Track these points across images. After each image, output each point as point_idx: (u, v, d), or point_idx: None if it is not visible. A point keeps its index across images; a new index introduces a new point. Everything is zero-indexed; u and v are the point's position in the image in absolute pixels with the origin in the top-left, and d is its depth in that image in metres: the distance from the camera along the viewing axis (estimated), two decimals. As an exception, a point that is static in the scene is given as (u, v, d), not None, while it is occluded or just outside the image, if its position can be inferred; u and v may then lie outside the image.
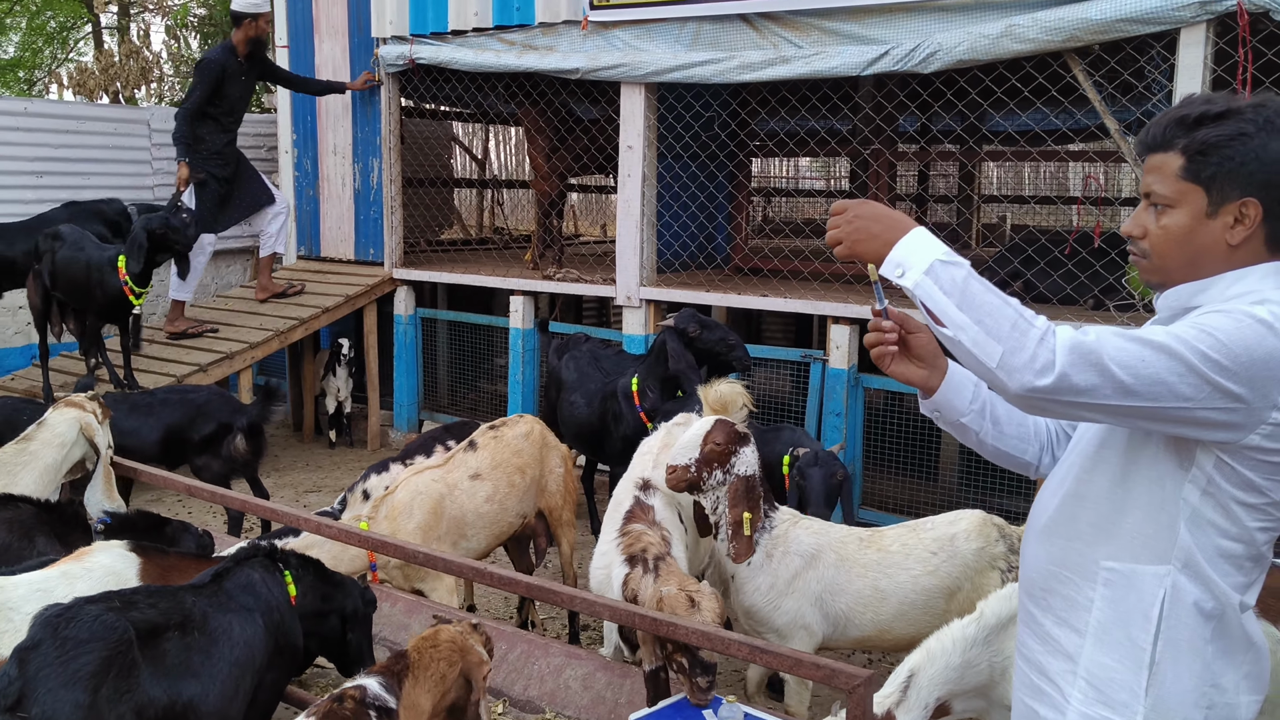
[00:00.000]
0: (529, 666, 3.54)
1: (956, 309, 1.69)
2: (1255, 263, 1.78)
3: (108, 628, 2.44)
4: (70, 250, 6.77)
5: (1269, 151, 1.72)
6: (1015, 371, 1.65)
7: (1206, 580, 1.76)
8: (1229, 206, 1.75)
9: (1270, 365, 1.64)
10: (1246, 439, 1.68)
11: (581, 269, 7.92)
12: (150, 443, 5.90)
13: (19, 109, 8.75)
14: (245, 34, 7.83)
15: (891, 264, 1.77)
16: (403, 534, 4.19)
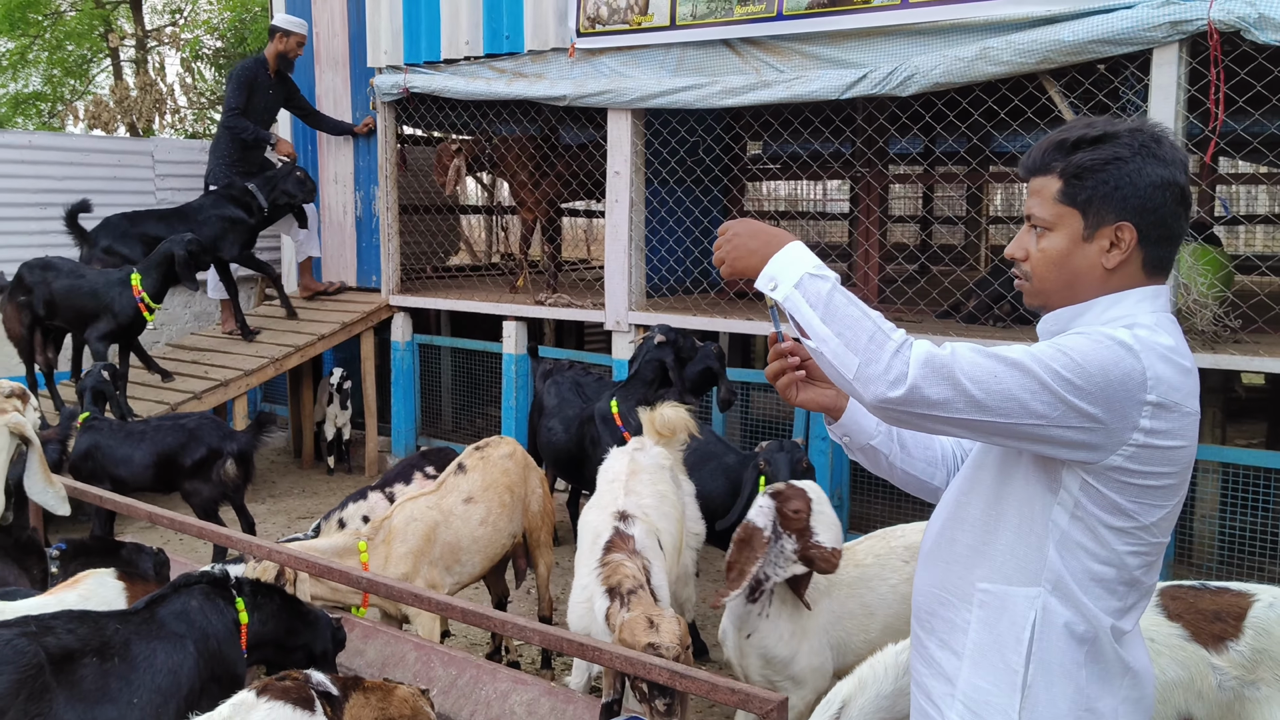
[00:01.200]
0: (476, 692, 3.53)
1: (820, 321, 1.71)
2: (1132, 286, 1.79)
3: (18, 652, 2.47)
4: (69, 279, 6.90)
5: (1143, 176, 1.74)
6: (870, 382, 1.66)
7: (1077, 603, 1.75)
8: (1104, 230, 1.76)
9: (1127, 386, 1.64)
10: (1108, 460, 1.68)
11: (574, 294, 7.95)
12: (143, 468, 5.98)
13: (23, 142, 8.93)
14: (276, 48, 8.24)
15: (765, 278, 1.80)
16: (394, 558, 4.23)
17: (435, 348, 8.79)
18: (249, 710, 2.50)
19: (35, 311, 6.88)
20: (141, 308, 6.82)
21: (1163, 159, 1.75)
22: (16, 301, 6.84)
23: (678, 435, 4.29)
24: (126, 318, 6.85)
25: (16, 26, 14.53)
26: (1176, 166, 1.75)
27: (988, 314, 6.36)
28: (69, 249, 7.74)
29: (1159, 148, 1.75)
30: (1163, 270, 1.80)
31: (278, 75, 8.31)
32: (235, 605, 3.07)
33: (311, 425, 9.12)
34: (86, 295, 6.86)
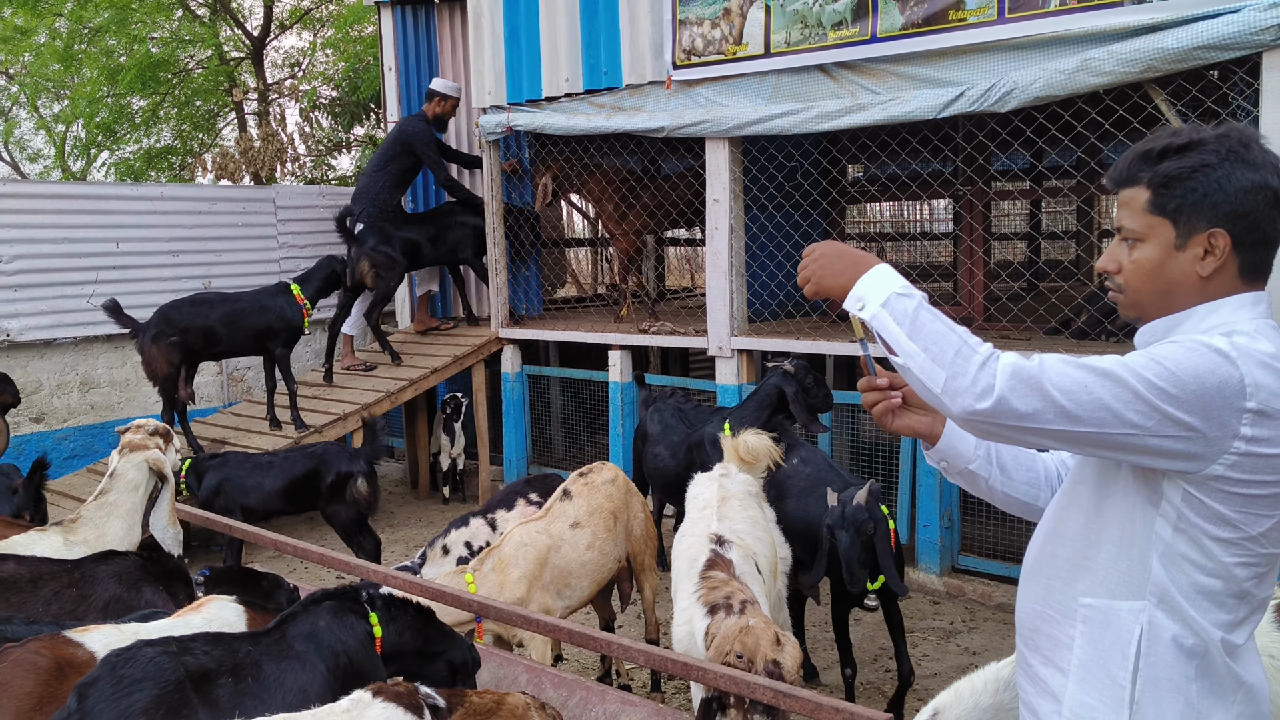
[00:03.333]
0: (587, 713, 3.61)
1: (907, 338, 1.74)
2: (1228, 293, 1.76)
3: (160, 669, 2.65)
4: (227, 306, 7.49)
5: (1232, 182, 1.71)
6: (958, 395, 1.68)
7: (1185, 616, 1.73)
8: (1197, 238, 1.74)
9: (1224, 394, 1.62)
10: (1209, 469, 1.66)
11: (677, 321, 8.05)
12: (273, 495, 6.29)
13: (156, 194, 9.48)
14: (435, 110, 8.75)
15: (853, 298, 1.84)
16: (509, 584, 4.35)
17: (544, 378, 8.99)
18: (365, 708, 2.62)
19: (190, 347, 7.31)
20: (305, 314, 7.61)
21: (1252, 163, 1.72)
22: (165, 342, 7.24)
23: (760, 462, 4.34)
24: (295, 324, 7.61)
25: (148, 85, 15.42)
26: (1268, 170, 1.72)
27: (1099, 329, 6.23)
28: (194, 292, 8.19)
29: (1247, 152, 1.73)
30: (1261, 275, 1.77)
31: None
32: (368, 619, 3.21)
33: (427, 456, 9.40)
34: (252, 314, 7.49)
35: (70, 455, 8.77)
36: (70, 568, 3.68)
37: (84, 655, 2.97)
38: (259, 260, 9.90)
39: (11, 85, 20.08)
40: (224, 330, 7.39)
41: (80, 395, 8.92)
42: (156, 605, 3.74)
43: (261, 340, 7.56)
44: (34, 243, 8.47)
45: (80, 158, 19.86)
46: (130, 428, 4.34)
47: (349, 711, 2.62)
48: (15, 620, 3.18)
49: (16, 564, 3.60)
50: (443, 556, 4.87)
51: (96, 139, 17.48)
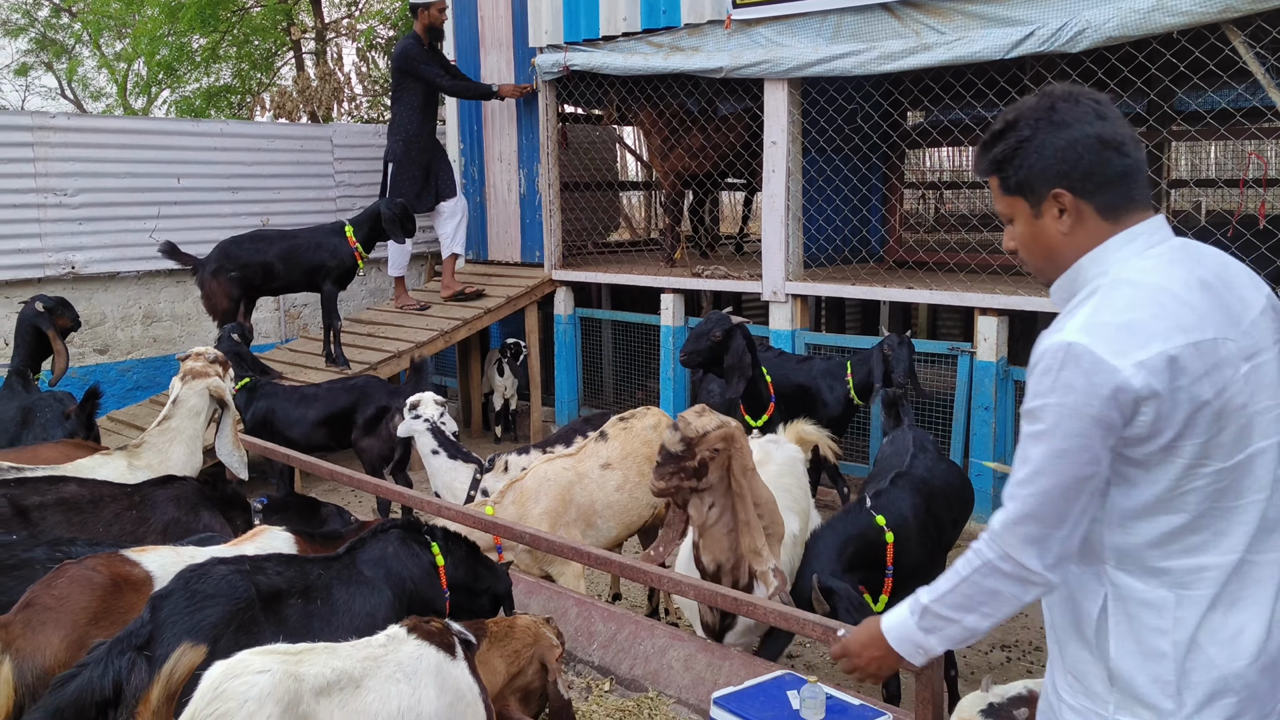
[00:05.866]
0: (635, 647, 3.64)
1: (969, 622, 1.89)
2: (1101, 238, 1.84)
3: (232, 586, 2.71)
4: (285, 242, 7.57)
5: (1048, 145, 1.83)
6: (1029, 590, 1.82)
7: (1138, 565, 1.79)
8: (1046, 203, 1.86)
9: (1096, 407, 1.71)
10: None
11: (731, 266, 7.98)
12: (314, 427, 6.36)
13: (216, 130, 9.55)
14: (423, 23, 8.53)
15: (915, 656, 2.00)
16: (529, 519, 4.38)
17: (596, 321, 8.98)
18: (400, 643, 2.68)
19: (249, 282, 7.40)
20: (357, 255, 7.60)
21: (1061, 122, 1.82)
22: (225, 277, 7.34)
23: (809, 448, 4.51)
24: (348, 264, 7.62)
25: (207, 24, 15.48)
26: (1081, 121, 1.82)
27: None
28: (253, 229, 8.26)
29: (1054, 113, 1.83)
30: (1126, 211, 1.83)
31: (431, 49, 8.62)
32: (430, 549, 3.26)
33: (479, 396, 9.47)
34: (308, 251, 7.54)
35: (134, 387, 8.96)
36: (130, 491, 3.77)
37: (140, 574, 3.05)
38: (315, 198, 9.95)
39: (74, 24, 20.30)
40: (281, 266, 7.47)
41: (143, 328, 9.09)
42: (214, 530, 3.82)
43: (315, 277, 7.62)
44: (98, 177, 8.59)
45: (141, 96, 20.06)
46: (191, 355, 4.41)
47: (385, 646, 2.68)
48: (78, 541, 3.27)
49: (79, 486, 3.70)
50: (503, 473, 4.97)
51: (158, 77, 17.64)
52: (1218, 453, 1.72)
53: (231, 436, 4.23)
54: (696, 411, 3.40)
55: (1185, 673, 1.74)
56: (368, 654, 2.60)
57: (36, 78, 23.47)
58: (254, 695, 2.17)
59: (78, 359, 8.42)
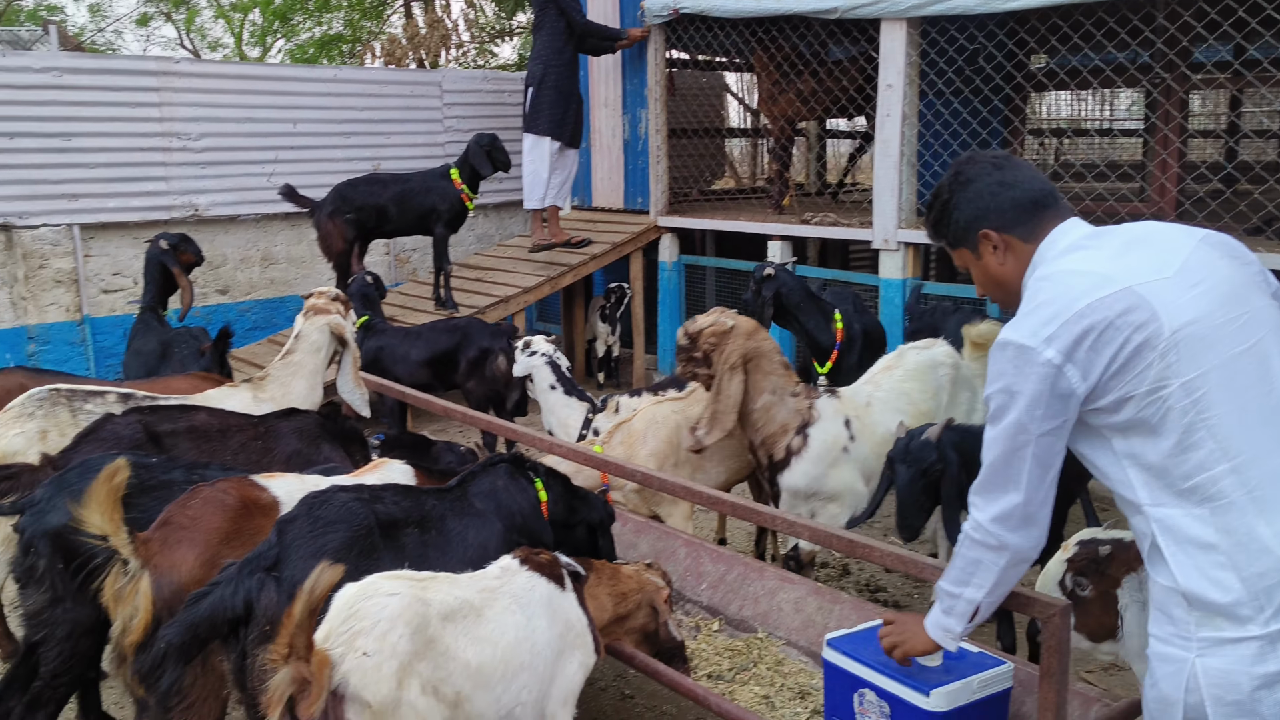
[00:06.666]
0: (744, 588, 3.64)
1: (965, 602, 2.26)
2: (1029, 259, 2.19)
3: (353, 513, 2.78)
4: (398, 186, 7.69)
5: (961, 201, 2.26)
6: (1000, 554, 2.16)
7: (1165, 495, 2.00)
8: (981, 245, 2.26)
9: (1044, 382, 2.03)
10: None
11: (840, 213, 7.83)
12: (419, 366, 6.47)
13: (329, 76, 9.71)
14: None
15: (942, 638, 2.36)
16: (637, 460, 4.38)
17: (700, 268, 8.93)
18: (513, 575, 2.73)
19: (363, 225, 7.54)
20: (464, 198, 7.65)
21: (968, 179, 2.25)
22: (341, 219, 7.48)
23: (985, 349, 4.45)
24: (457, 207, 7.70)
25: (321, -27, 15.78)
26: (983, 174, 2.22)
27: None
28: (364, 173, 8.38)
29: (961, 175, 2.26)
30: (1038, 225, 2.18)
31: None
32: (534, 484, 3.30)
33: (583, 342, 9.53)
34: (419, 195, 7.64)
35: (252, 327, 9.24)
36: (256, 422, 3.89)
37: (267, 498, 3.15)
38: (424, 143, 10.07)
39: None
40: (394, 209, 7.58)
41: (261, 270, 9.35)
42: (334, 462, 3.92)
43: (426, 220, 7.71)
44: (219, 121, 8.82)
45: (256, 45, 20.51)
46: (315, 293, 4.52)
47: (499, 578, 2.72)
48: (211, 466, 3.39)
49: (209, 415, 3.82)
50: (614, 414, 5.01)
51: (273, 26, 17.98)
52: (1174, 371, 1.94)
53: (352, 374, 4.33)
54: (709, 313, 4.24)
55: (1248, 577, 1.89)
56: (484, 585, 2.65)
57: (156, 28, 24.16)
58: (386, 616, 2.22)
59: (201, 299, 8.72)
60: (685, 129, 9.64)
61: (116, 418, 3.68)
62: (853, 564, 5.34)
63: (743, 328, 4.09)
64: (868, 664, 2.76)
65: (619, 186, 9.55)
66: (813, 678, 3.27)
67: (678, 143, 9.31)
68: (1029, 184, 2.21)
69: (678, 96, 9.32)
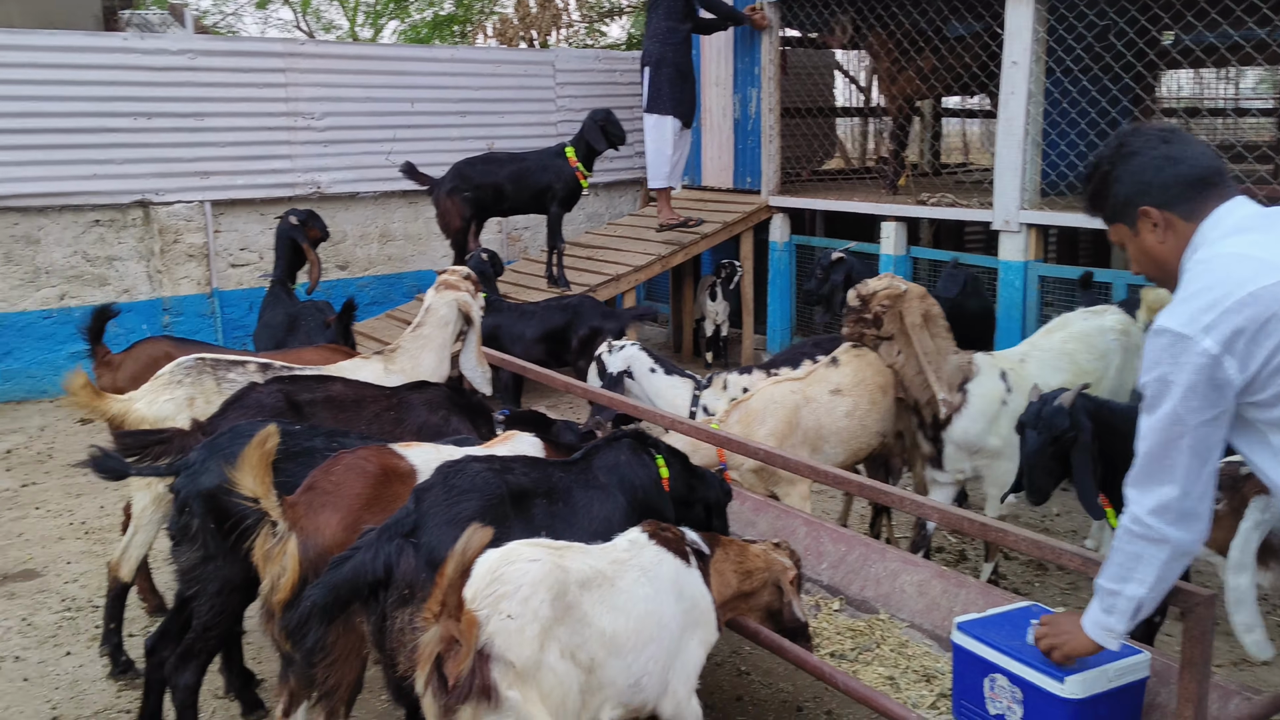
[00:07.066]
0: (866, 569, 3.63)
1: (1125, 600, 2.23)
2: (1188, 239, 2.14)
3: (486, 483, 2.86)
4: (514, 164, 7.78)
5: (1123, 174, 2.21)
6: (1161, 547, 2.13)
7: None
8: (1140, 221, 2.21)
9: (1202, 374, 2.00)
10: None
11: (958, 194, 7.68)
12: (532, 344, 6.57)
13: (447, 56, 9.89)
14: None
15: (1103, 638, 2.33)
16: (755, 440, 4.40)
17: (811, 248, 8.86)
18: (641, 549, 2.78)
19: (481, 202, 7.68)
20: (579, 176, 7.73)
21: (1131, 151, 2.20)
22: (460, 196, 7.64)
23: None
24: (572, 185, 7.77)
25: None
26: (1148, 147, 2.18)
27: None
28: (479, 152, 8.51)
29: (1125, 147, 2.22)
30: (1202, 204, 2.13)
31: None
32: (656, 461, 3.34)
33: (691, 321, 9.55)
34: (535, 173, 7.73)
35: (370, 302, 9.50)
36: (389, 393, 4.01)
37: (405, 466, 3.25)
38: (537, 122, 10.20)
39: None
40: (511, 187, 7.70)
41: (379, 246, 9.60)
42: (461, 434, 4.02)
43: (542, 198, 7.81)
44: (341, 101, 9.07)
45: (369, 26, 20.93)
46: (448, 270, 4.63)
47: (628, 550, 2.77)
48: (350, 434, 3.51)
49: (345, 385, 3.96)
50: (723, 390, 5.02)
51: (389, 7, 18.33)
52: None
53: (476, 352, 4.43)
54: (880, 277, 4.44)
55: None
56: (615, 556, 2.70)
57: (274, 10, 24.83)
58: (527, 581, 2.29)
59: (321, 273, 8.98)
60: (796, 108, 9.56)
61: (260, 386, 3.83)
62: (970, 549, 5.28)
63: (915, 291, 4.33)
64: (1000, 648, 2.74)
65: (729, 166, 9.52)
66: (937, 661, 3.25)
67: (789, 122, 9.25)
68: (1197, 160, 2.16)
69: (789, 75, 9.24)
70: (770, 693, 3.92)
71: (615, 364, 5.49)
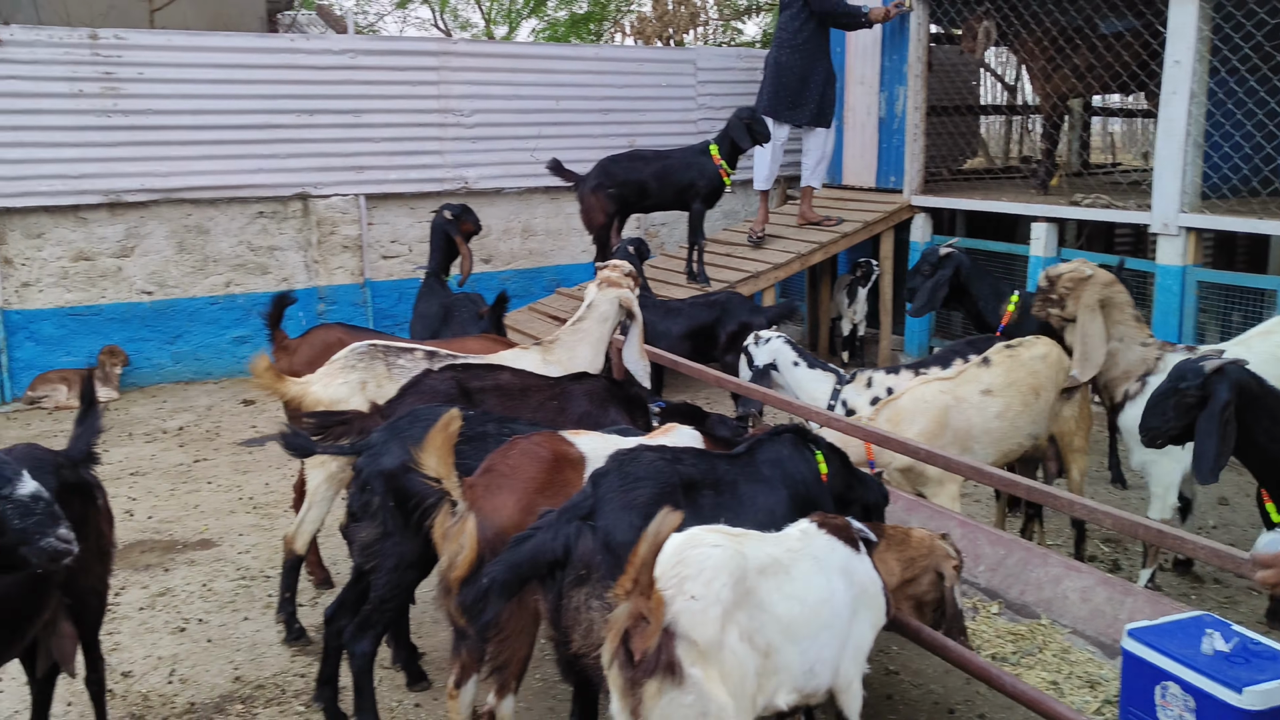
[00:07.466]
0: (1026, 573, 3.61)
1: None
2: None
3: (659, 471, 2.96)
4: (660, 162, 7.89)
5: None
6: None
7: None
8: None
9: None
10: None
11: (1112, 195, 7.49)
12: (678, 340, 6.65)
13: (591, 55, 10.08)
14: None
15: None
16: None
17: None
18: (812, 538, 2.84)
19: (624, 199, 7.83)
20: (722, 173, 7.76)
21: None
22: (604, 193, 7.79)
23: None
24: (716, 183, 7.82)
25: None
26: None
27: None
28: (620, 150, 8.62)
29: None
30: None
31: None
32: (816, 456, 3.39)
33: (827, 320, 9.53)
34: (679, 171, 7.81)
35: (512, 295, 9.73)
36: (552, 383, 4.16)
37: (575, 453, 3.38)
38: (677, 120, 10.29)
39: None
40: (655, 184, 7.80)
41: (521, 241, 9.85)
42: (620, 425, 4.14)
43: (685, 196, 7.89)
44: (489, 99, 9.34)
45: (504, 24, 21.40)
46: (608, 266, 4.75)
47: (800, 540, 2.83)
48: (519, 421, 3.66)
49: (512, 375, 4.12)
50: (865, 387, 5.03)
51: (529, 6, 18.69)
52: None
53: (639, 345, 4.54)
54: (1072, 261, 4.64)
55: None
56: (789, 545, 2.76)
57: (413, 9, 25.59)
58: (710, 564, 2.38)
59: (467, 267, 9.27)
60: (942, 106, 9.43)
61: (434, 373, 4.02)
62: (1123, 559, 5.16)
63: (1101, 277, 4.47)
64: (1174, 656, 2.70)
65: (871, 165, 9.45)
66: (1101, 667, 3.22)
67: (932, 120, 9.12)
68: None
69: (933, 72, 9.13)
70: (920, 694, 3.92)
71: (761, 356, 5.54)
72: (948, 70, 9.70)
